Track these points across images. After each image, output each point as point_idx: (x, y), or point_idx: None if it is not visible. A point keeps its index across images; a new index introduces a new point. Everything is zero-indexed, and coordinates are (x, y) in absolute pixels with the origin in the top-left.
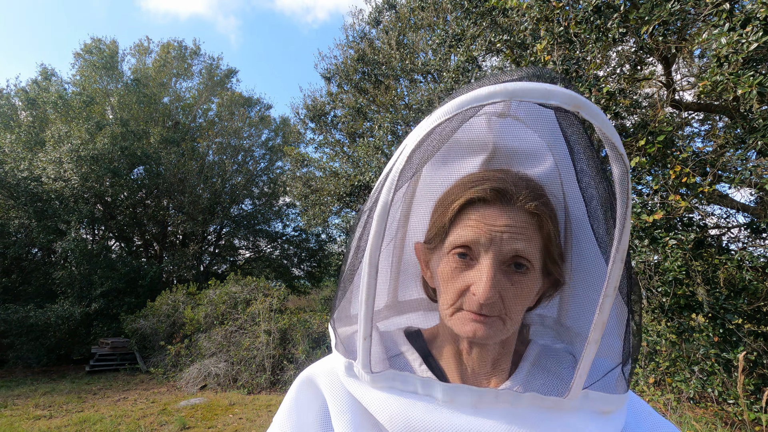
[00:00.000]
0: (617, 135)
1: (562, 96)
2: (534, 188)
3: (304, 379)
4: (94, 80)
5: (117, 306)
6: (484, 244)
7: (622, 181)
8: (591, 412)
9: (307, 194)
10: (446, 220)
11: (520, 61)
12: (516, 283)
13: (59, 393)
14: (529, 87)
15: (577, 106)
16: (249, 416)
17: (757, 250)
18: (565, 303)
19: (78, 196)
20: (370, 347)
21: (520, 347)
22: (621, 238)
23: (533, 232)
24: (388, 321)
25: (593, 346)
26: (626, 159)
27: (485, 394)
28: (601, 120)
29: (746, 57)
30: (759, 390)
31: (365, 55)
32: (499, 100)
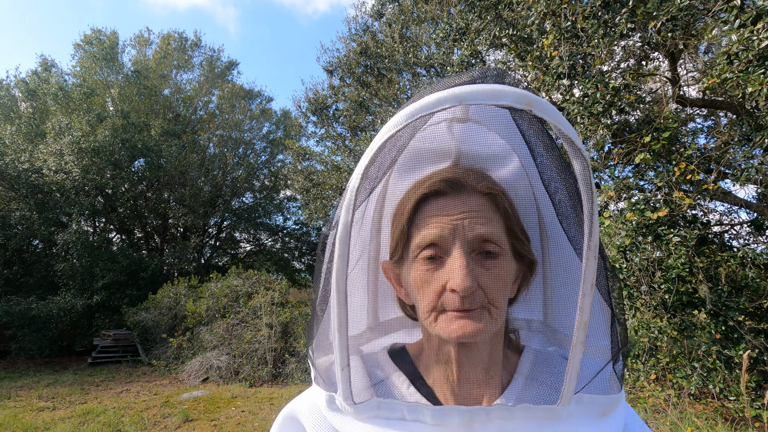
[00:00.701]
0: (573, 129)
1: (512, 95)
2: (479, 172)
3: (285, 416)
4: (94, 72)
5: (118, 298)
6: (448, 236)
7: (584, 176)
8: (587, 417)
9: (308, 188)
10: (404, 222)
11: (525, 56)
12: (490, 268)
13: (62, 384)
14: (478, 90)
15: (528, 103)
16: (251, 409)
17: (759, 247)
18: (549, 304)
19: (79, 189)
20: (350, 377)
21: (513, 357)
22: (591, 234)
23: (492, 213)
24: (371, 343)
25: (579, 348)
26: (585, 153)
27: (476, 413)
28: (554, 116)
29: (757, 54)
30: (760, 387)
31: (368, 48)
32: (449, 106)
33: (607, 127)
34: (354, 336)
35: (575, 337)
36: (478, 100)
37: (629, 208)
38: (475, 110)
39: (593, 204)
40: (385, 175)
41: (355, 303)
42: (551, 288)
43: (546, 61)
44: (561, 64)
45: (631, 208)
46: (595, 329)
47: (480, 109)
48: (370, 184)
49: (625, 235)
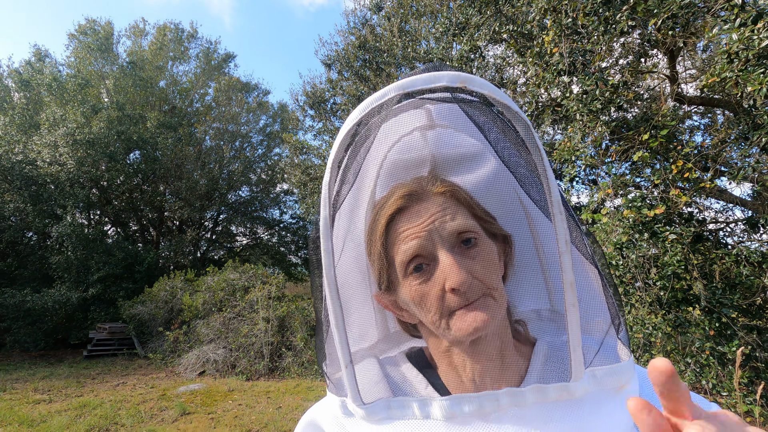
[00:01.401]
0: (509, 97)
1: (447, 77)
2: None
3: (308, 422)
4: (88, 62)
5: (114, 291)
6: (426, 242)
7: (528, 136)
8: (603, 392)
9: (305, 182)
10: (380, 248)
11: (525, 52)
12: (476, 255)
13: (58, 377)
14: (415, 78)
15: (462, 81)
16: (248, 402)
17: (753, 244)
18: (551, 289)
19: (74, 181)
20: (354, 375)
21: (526, 349)
22: (551, 190)
23: (455, 206)
24: (389, 353)
25: (573, 311)
26: (523, 116)
27: (485, 399)
28: (489, 88)
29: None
30: (752, 383)
31: (366, 41)
32: (393, 94)
33: (605, 124)
34: (367, 347)
35: (565, 299)
36: (416, 86)
37: (626, 205)
38: (438, 113)
39: (543, 160)
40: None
41: (363, 315)
42: (547, 269)
43: (546, 58)
44: (561, 61)
45: (627, 205)
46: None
47: (442, 111)
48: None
49: (622, 232)
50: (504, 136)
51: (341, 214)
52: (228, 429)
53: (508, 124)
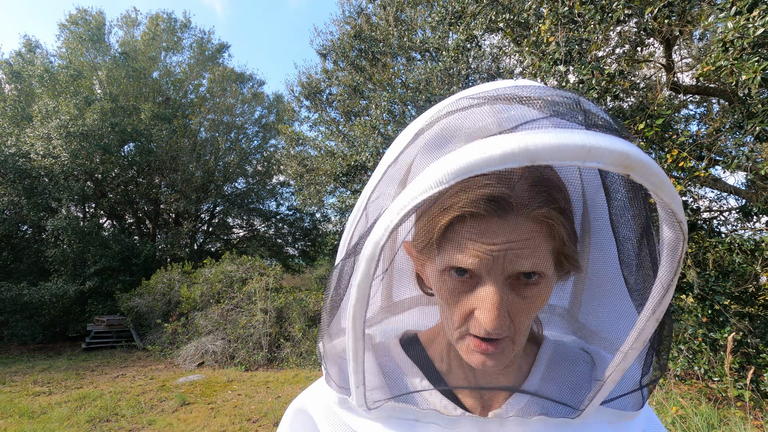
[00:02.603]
0: (679, 199)
1: (607, 156)
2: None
3: (297, 409)
4: (80, 53)
5: (111, 284)
6: (483, 266)
7: (675, 247)
8: (601, 423)
9: (302, 173)
10: (433, 239)
11: (521, 41)
12: (527, 297)
13: (57, 370)
14: (558, 145)
15: (627, 167)
16: (247, 392)
17: (746, 233)
18: (578, 295)
19: (68, 173)
20: (365, 394)
21: (532, 348)
22: (661, 303)
23: (542, 240)
24: (383, 324)
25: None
26: (685, 226)
27: (489, 424)
28: (659, 183)
29: (752, 42)
30: (743, 368)
31: (362, 31)
32: (516, 166)
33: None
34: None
35: (607, 374)
36: (558, 160)
37: None
38: None
39: (675, 277)
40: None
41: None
42: (584, 282)
43: (542, 47)
44: (557, 50)
45: None
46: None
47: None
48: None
49: None
50: (631, 204)
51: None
52: (228, 418)
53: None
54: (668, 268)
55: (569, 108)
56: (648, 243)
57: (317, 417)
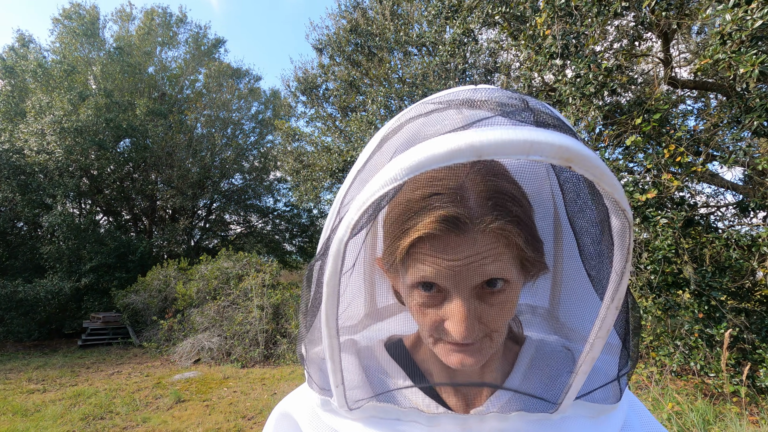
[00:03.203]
0: (620, 188)
1: (548, 149)
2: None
3: (281, 413)
4: (74, 48)
5: (107, 281)
6: (448, 281)
7: (623, 235)
8: (580, 417)
9: (298, 169)
10: (397, 260)
11: (518, 35)
12: (494, 304)
13: (52, 367)
14: (502, 141)
15: (568, 159)
16: (243, 389)
17: (743, 228)
18: (556, 295)
19: (63, 170)
20: (345, 392)
21: (513, 347)
22: (618, 290)
23: (502, 248)
24: (369, 330)
25: (581, 377)
26: (629, 215)
27: (469, 421)
28: (599, 174)
29: (750, 34)
30: (739, 364)
31: (358, 25)
32: (464, 161)
33: (598, 108)
34: (351, 326)
35: (579, 366)
36: (502, 155)
37: None
38: None
39: (627, 263)
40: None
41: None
42: (560, 281)
43: (539, 41)
44: (554, 44)
45: None
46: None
47: None
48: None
49: None
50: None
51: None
52: (223, 416)
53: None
54: (619, 255)
55: (516, 108)
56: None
57: (301, 421)
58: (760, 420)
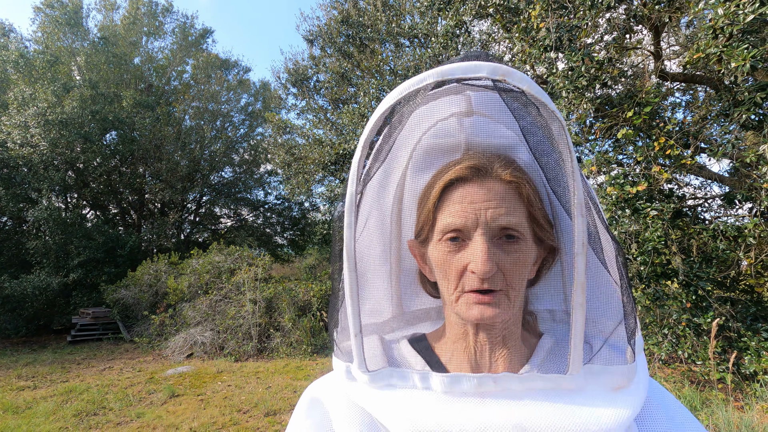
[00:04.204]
0: (546, 95)
1: (487, 68)
2: (504, 158)
3: (309, 399)
4: (57, 38)
5: (96, 276)
6: (471, 223)
7: (561, 136)
8: (599, 388)
9: (290, 162)
10: (431, 206)
11: (511, 27)
12: (510, 252)
13: (41, 363)
14: (455, 66)
15: (503, 74)
16: (237, 383)
17: (729, 219)
18: (568, 290)
19: (48, 163)
20: (362, 344)
21: (532, 339)
22: (575, 191)
23: (515, 201)
24: (395, 333)
25: (579, 311)
26: (560, 115)
27: (484, 380)
28: (528, 83)
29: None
30: (725, 351)
31: (349, 16)
32: (432, 81)
33: (590, 101)
34: (378, 323)
35: (573, 299)
36: (455, 75)
37: (609, 183)
38: (477, 101)
39: (572, 161)
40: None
41: (378, 291)
42: (568, 275)
43: (533, 33)
44: (548, 36)
45: (611, 182)
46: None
47: (482, 99)
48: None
49: (605, 209)
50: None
51: (367, 191)
52: (218, 410)
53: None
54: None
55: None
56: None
57: (326, 401)
58: (745, 405)
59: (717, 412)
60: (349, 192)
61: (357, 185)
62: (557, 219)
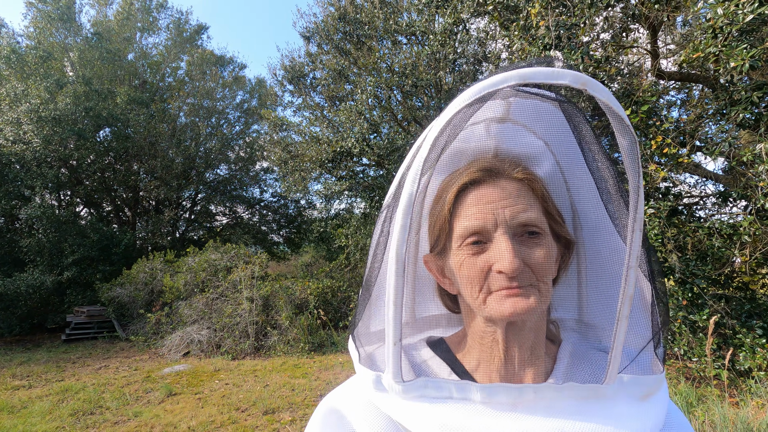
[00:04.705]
0: (622, 108)
1: (569, 75)
2: (513, 160)
3: (328, 409)
4: (49, 33)
5: (91, 274)
6: (490, 225)
7: (632, 151)
8: (628, 397)
9: (286, 160)
10: (446, 214)
11: (509, 25)
12: (534, 247)
13: (36, 362)
14: (538, 70)
15: (584, 83)
16: (235, 381)
17: (724, 217)
18: (583, 299)
19: (41, 160)
20: (401, 353)
21: (552, 347)
22: (637, 208)
23: (530, 197)
24: (408, 338)
25: (624, 322)
26: (632, 130)
27: (524, 390)
28: (607, 94)
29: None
30: (720, 348)
31: (346, 13)
32: (513, 83)
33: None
34: None
35: (619, 311)
36: (539, 79)
37: None
38: (515, 110)
39: (640, 178)
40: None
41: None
42: (585, 283)
43: (532, 31)
44: (547, 34)
45: None
46: (635, 312)
47: (519, 108)
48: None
49: None
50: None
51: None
52: (216, 408)
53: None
54: (632, 170)
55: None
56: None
57: (351, 414)
58: (740, 401)
59: (713, 408)
60: (409, 192)
61: (417, 185)
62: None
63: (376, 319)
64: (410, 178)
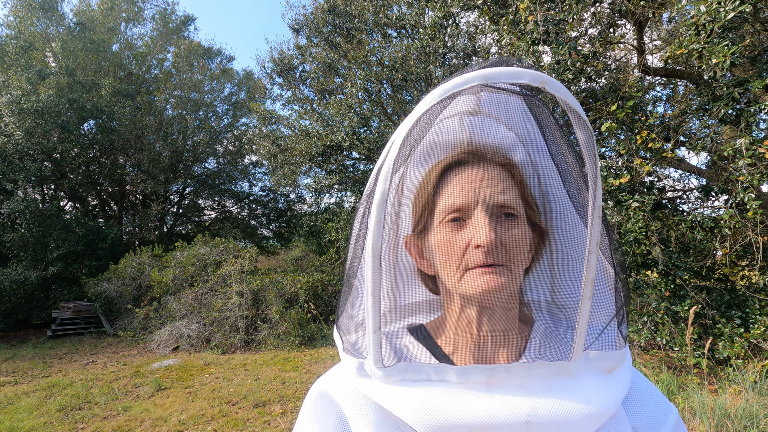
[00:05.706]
0: (579, 103)
1: (529, 75)
2: (495, 147)
3: (318, 393)
4: (31, 22)
5: (77, 269)
6: (471, 201)
7: (588, 144)
8: (594, 372)
9: (275, 153)
10: (430, 191)
11: (498, 20)
12: (510, 228)
13: (22, 358)
14: (500, 70)
15: (543, 82)
16: (225, 375)
17: (706, 211)
18: (555, 281)
19: (23, 153)
20: (381, 341)
21: (525, 328)
22: (595, 196)
23: (509, 183)
24: (391, 325)
25: (587, 303)
26: (589, 124)
27: (497, 370)
28: (564, 92)
29: (722, 26)
30: (700, 338)
31: (336, 5)
32: (476, 84)
33: (575, 94)
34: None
35: (582, 293)
36: (501, 80)
37: None
38: (485, 103)
39: (596, 169)
40: (416, 147)
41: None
42: (557, 265)
43: (521, 26)
44: (536, 29)
45: None
46: (599, 292)
47: (490, 101)
48: (404, 155)
49: None
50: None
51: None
52: (206, 402)
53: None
54: (590, 161)
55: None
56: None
57: (336, 395)
58: (719, 389)
59: (693, 395)
60: (381, 189)
61: (390, 183)
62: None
63: (358, 309)
64: (382, 176)
